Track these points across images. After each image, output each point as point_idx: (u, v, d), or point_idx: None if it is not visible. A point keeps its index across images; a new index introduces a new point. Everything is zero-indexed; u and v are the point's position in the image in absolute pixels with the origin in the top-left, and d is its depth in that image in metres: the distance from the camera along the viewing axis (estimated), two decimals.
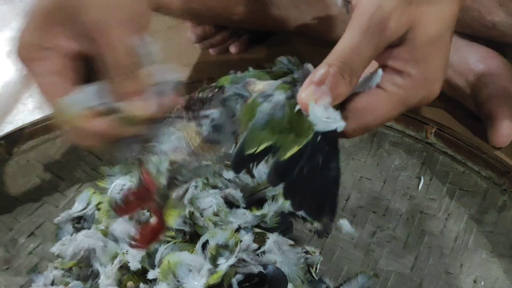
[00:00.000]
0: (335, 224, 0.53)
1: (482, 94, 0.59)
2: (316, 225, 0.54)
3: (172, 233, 0.48)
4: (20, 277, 0.51)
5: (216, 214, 0.49)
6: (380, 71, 0.35)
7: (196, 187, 0.50)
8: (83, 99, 0.38)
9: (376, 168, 0.57)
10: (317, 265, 0.51)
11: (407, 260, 0.50)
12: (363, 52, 0.33)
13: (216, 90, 0.38)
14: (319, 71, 0.33)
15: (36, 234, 0.55)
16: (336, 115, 0.33)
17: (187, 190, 0.47)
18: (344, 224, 0.52)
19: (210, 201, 0.50)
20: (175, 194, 0.41)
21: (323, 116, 0.32)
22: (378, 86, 0.35)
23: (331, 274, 0.50)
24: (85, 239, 0.49)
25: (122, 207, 0.41)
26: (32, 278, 0.50)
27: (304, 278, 0.49)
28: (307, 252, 0.51)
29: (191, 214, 0.49)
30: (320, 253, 0.51)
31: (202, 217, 0.49)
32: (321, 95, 0.32)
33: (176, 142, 0.37)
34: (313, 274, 0.50)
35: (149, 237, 0.40)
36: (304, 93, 0.33)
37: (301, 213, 0.54)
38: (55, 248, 0.52)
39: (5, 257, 0.53)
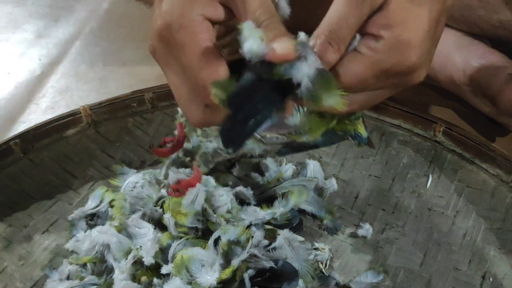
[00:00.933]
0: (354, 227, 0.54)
1: (494, 85, 0.59)
2: (326, 222, 0.55)
3: (185, 229, 0.49)
4: (35, 273, 0.52)
5: (228, 211, 0.50)
6: (357, 36, 0.36)
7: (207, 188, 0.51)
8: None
9: (385, 167, 0.58)
10: (327, 261, 0.51)
11: (416, 256, 0.51)
12: (349, 20, 0.34)
13: None
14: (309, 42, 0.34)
15: (51, 231, 0.56)
16: None
17: (197, 194, 0.48)
18: (365, 227, 0.53)
19: (225, 199, 0.50)
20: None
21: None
22: (355, 49, 0.36)
23: (341, 271, 0.51)
24: (99, 235, 0.50)
25: (158, 150, 0.53)
26: (47, 274, 0.51)
27: (314, 274, 0.50)
28: (316, 249, 0.52)
29: (204, 210, 0.49)
30: (329, 249, 0.52)
31: (215, 214, 0.50)
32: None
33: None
34: (323, 270, 0.51)
35: (186, 187, 0.47)
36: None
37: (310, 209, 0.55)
38: (69, 244, 0.53)
39: (20, 253, 0.54)
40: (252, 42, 0.33)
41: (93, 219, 0.56)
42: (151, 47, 0.38)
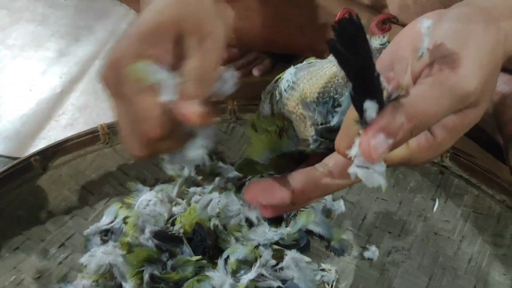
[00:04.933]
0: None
1: (505, 116, 0.60)
2: (333, 243, 0.56)
3: (198, 257, 0.50)
4: (51, 286, 0.54)
5: (238, 230, 0.52)
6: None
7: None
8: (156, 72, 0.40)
9: (392, 190, 0.59)
10: (333, 282, 0.52)
11: (421, 280, 0.51)
12: (442, 114, 0.31)
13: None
14: (396, 120, 0.29)
15: (66, 245, 0.58)
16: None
17: (210, 201, 0.50)
18: (372, 249, 0.54)
19: (238, 208, 0.52)
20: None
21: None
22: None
23: None
24: (104, 256, 0.52)
25: None
26: (62, 287, 0.53)
27: None
28: (323, 270, 0.53)
29: (216, 227, 0.51)
30: (336, 271, 0.53)
31: (226, 230, 0.51)
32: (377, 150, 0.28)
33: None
34: None
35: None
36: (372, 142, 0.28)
37: (318, 230, 0.56)
38: (84, 259, 0.54)
39: (37, 266, 0.56)
40: None
41: (107, 235, 0.58)
42: (102, 75, 0.40)
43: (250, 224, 0.54)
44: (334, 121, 0.37)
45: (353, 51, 0.26)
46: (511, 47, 0.36)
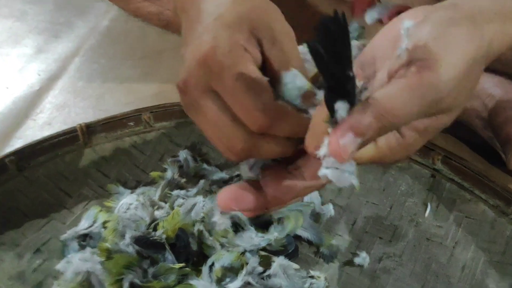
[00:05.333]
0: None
1: (499, 117, 0.58)
2: (322, 249, 0.54)
3: (181, 265, 0.47)
4: None
5: (223, 236, 0.49)
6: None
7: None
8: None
9: (383, 193, 0.57)
10: None
11: (413, 286, 0.50)
12: (412, 116, 0.30)
13: None
14: (364, 119, 0.28)
15: (42, 250, 0.55)
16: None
17: (194, 205, 0.48)
18: (362, 256, 0.52)
19: (223, 218, 0.50)
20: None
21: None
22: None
23: None
24: (81, 263, 0.49)
25: None
26: None
27: None
28: (312, 277, 0.51)
29: (200, 232, 0.49)
30: (325, 278, 0.51)
31: (211, 236, 0.49)
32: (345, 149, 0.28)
33: None
34: None
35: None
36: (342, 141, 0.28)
37: (307, 235, 0.54)
38: (60, 266, 0.51)
39: (10, 273, 0.53)
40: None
41: (85, 240, 0.55)
42: (183, 81, 0.36)
43: (236, 229, 0.52)
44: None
45: (332, 53, 0.26)
46: (495, 51, 0.35)
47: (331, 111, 0.28)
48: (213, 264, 0.48)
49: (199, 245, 0.49)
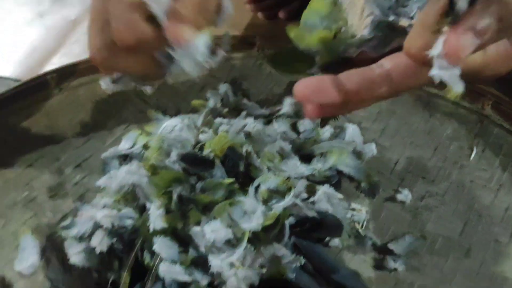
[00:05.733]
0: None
1: None
2: (364, 185, 0.53)
3: (231, 180, 0.47)
4: (66, 205, 0.51)
5: (270, 160, 0.49)
6: None
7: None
8: None
9: (428, 136, 0.57)
10: (363, 222, 0.50)
11: (456, 225, 0.50)
12: None
13: None
14: (485, 19, 0.27)
15: (83, 166, 0.55)
16: None
17: (244, 126, 0.47)
18: (404, 193, 0.52)
19: (273, 136, 0.49)
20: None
21: None
22: None
23: (377, 233, 0.49)
24: (128, 175, 0.49)
25: None
26: (78, 207, 0.50)
27: (351, 232, 0.49)
28: (353, 209, 0.51)
29: (248, 154, 0.48)
30: (366, 211, 0.51)
31: (259, 158, 0.49)
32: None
33: None
34: (359, 230, 0.50)
35: None
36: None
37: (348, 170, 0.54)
38: (102, 181, 0.51)
39: (51, 185, 0.53)
40: None
41: (126, 160, 0.55)
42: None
43: (281, 156, 0.52)
44: (392, 18, 0.35)
45: None
46: None
47: (452, 2, 0.26)
48: (259, 185, 0.48)
49: (246, 167, 0.49)
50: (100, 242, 0.44)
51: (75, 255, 0.44)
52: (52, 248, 0.46)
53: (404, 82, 0.31)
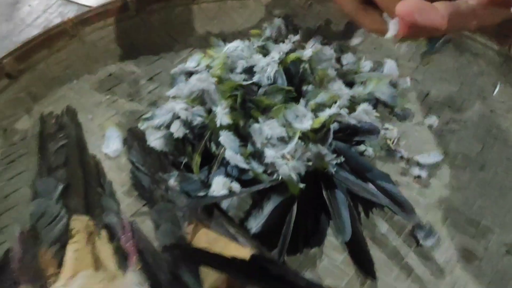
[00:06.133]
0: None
1: None
2: (396, 110, 0.61)
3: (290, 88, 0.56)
4: (141, 107, 0.61)
5: (322, 77, 0.57)
6: None
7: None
8: None
9: (456, 72, 0.64)
10: (394, 139, 0.59)
11: (475, 146, 0.57)
12: None
13: None
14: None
15: (154, 80, 0.64)
16: None
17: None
18: (432, 118, 0.60)
19: (329, 54, 0.58)
20: None
21: None
22: None
23: (406, 148, 0.58)
24: (198, 82, 0.57)
25: None
26: (153, 110, 0.59)
27: (383, 146, 0.57)
28: (386, 129, 0.59)
29: (305, 70, 0.57)
30: (397, 131, 0.59)
31: (313, 74, 0.57)
32: None
33: None
34: (390, 145, 0.58)
35: None
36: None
37: (384, 98, 0.62)
38: (172, 91, 0.60)
39: (129, 91, 0.62)
40: None
41: (191, 77, 0.64)
42: None
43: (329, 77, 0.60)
44: None
45: None
46: None
47: None
48: (309, 99, 0.56)
49: (300, 83, 0.57)
50: (177, 130, 0.53)
51: (155, 140, 0.54)
52: (133, 137, 0.56)
53: (486, 18, 0.35)
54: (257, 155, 0.53)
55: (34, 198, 0.44)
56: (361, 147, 0.57)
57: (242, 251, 0.43)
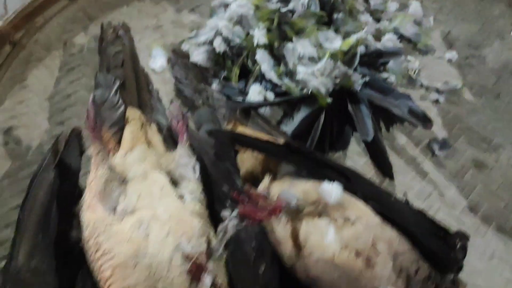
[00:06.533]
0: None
1: None
2: (419, 45, 0.66)
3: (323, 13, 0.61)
4: (185, 34, 0.66)
5: (352, 8, 0.62)
6: None
7: None
8: None
9: (478, 14, 0.69)
10: (415, 70, 0.63)
11: (491, 78, 0.62)
12: None
13: None
14: None
15: (196, 11, 0.70)
16: None
17: None
18: (452, 53, 0.64)
19: None
20: None
21: None
22: None
23: (426, 78, 0.62)
24: (237, 8, 0.63)
25: None
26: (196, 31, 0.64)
27: (405, 75, 0.62)
28: (408, 61, 0.64)
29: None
30: (419, 64, 0.64)
31: (344, 3, 0.62)
32: None
33: None
34: (411, 75, 0.63)
35: None
36: None
37: (408, 34, 0.66)
38: (212, 21, 0.66)
39: (173, 18, 0.68)
40: None
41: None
42: None
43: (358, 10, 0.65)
44: None
45: None
46: None
47: None
48: (338, 27, 0.61)
49: (331, 11, 0.62)
50: (219, 45, 0.58)
51: (198, 55, 0.59)
52: (177, 57, 0.62)
53: None
54: (289, 74, 0.59)
55: (96, 89, 0.50)
56: (384, 75, 0.62)
57: (276, 142, 0.48)
